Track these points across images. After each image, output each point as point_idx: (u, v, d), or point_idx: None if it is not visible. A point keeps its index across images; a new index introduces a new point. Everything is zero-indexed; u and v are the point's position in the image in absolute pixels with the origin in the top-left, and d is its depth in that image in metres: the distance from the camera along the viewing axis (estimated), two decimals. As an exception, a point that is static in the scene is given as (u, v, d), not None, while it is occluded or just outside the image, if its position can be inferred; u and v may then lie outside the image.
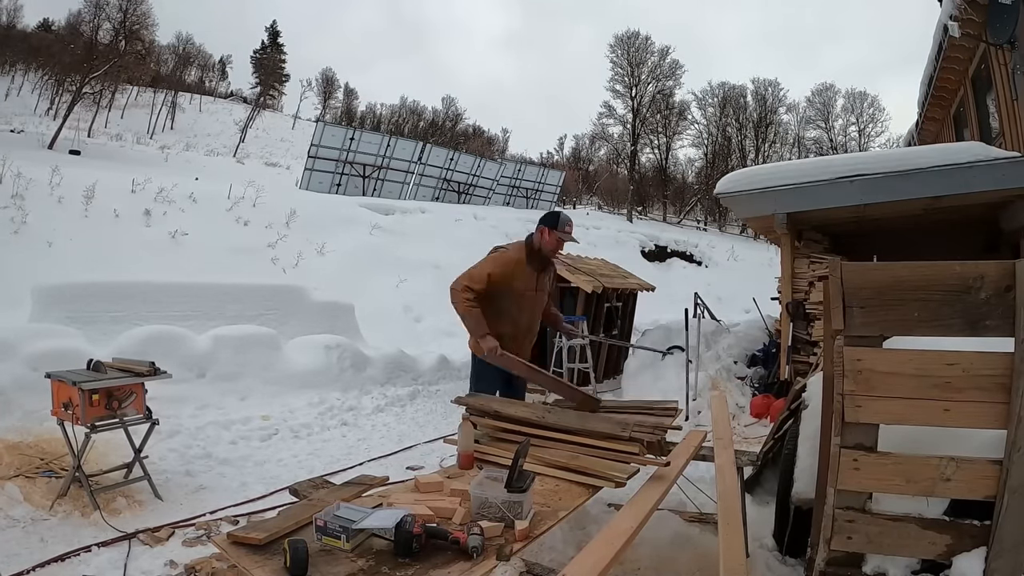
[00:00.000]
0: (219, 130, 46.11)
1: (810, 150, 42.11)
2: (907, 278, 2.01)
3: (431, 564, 1.79)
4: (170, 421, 4.59)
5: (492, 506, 2.09)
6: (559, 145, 58.01)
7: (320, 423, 5.64)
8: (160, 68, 46.32)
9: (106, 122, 37.48)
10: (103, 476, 3.61)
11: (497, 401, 3.33)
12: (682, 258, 23.24)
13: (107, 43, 29.44)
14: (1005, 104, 6.17)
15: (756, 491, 3.53)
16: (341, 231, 14.63)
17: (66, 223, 11.02)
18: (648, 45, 41.86)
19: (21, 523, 3.10)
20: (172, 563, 2.84)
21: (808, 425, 2.81)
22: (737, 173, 6.87)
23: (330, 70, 60.43)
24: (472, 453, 2.75)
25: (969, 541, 1.92)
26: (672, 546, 2.97)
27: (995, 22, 5.75)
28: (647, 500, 2.34)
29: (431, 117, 58.15)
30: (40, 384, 3.76)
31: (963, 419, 1.95)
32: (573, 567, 1.78)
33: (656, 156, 45.03)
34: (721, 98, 44.98)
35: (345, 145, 23.10)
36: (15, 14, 42.60)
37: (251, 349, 6.35)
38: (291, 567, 1.69)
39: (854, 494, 2.06)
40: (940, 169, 5.37)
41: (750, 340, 7.43)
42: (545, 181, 30.90)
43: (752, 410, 6.21)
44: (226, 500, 3.72)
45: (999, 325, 1.90)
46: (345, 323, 8.08)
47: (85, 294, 6.55)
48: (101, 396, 3.43)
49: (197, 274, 9.15)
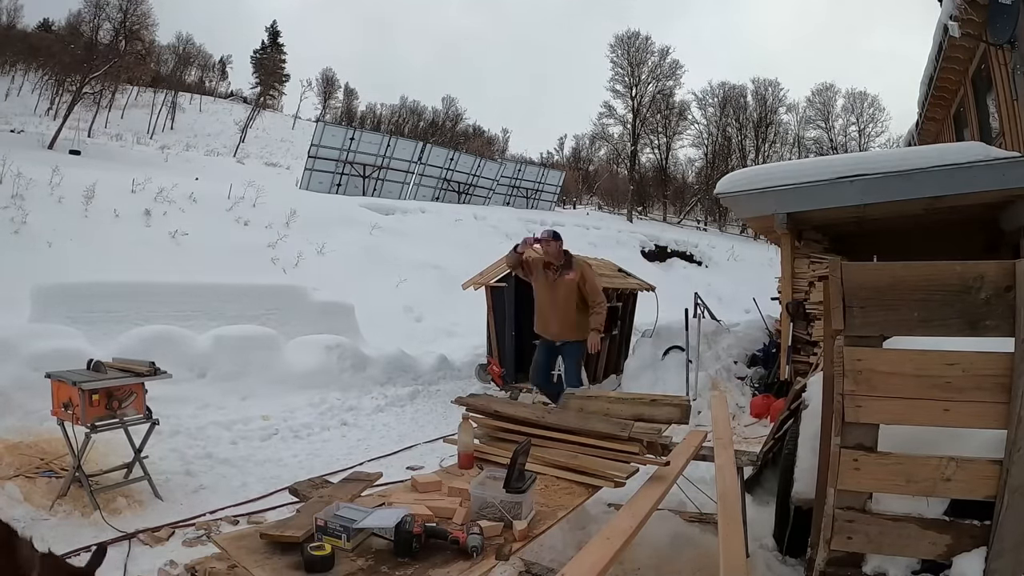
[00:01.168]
0: (219, 130, 46.08)
1: (810, 150, 42.08)
2: (907, 278, 2.00)
3: (430, 564, 1.80)
4: (170, 421, 4.59)
5: (492, 506, 2.09)
6: (559, 145, 58.00)
7: (320, 423, 5.64)
8: (160, 68, 46.31)
9: (106, 122, 37.43)
10: (103, 476, 3.61)
11: (497, 402, 3.34)
12: (682, 258, 23.24)
13: (107, 43, 29.48)
14: (1005, 104, 6.16)
15: (756, 491, 3.53)
16: (341, 231, 14.64)
17: (66, 223, 11.02)
18: (648, 45, 41.93)
19: (21, 523, 3.09)
20: (172, 563, 2.84)
21: (808, 425, 2.81)
22: (737, 173, 6.87)
23: (330, 70, 60.32)
24: (472, 453, 2.76)
25: (969, 541, 1.92)
26: (672, 546, 2.97)
27: (995, 22, 5.74)
28: (647, 500, 2.34)
29: (431, 117, 58.19)
30: (40, 384, 3.76)
31: (963, 419, 1.95)
32: (572, 566, 1.78)
33: (656, 156, 45.08)
34: (721, 98, 44.98)
35: (345, 145, 23.11)
36: (15, 14, 42.60)
37: (251, 349, 6.35)
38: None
39: (854, 494, 2.05)
40: (940, 169, 5.37)
41: (750, 340, 7.43)
42: (545, 181, 30.90)
43: (752, 410, 6.21)
44: (226, 500, 3.72)
45: (999, 325, 1.90)
46: (345, 323, 8.08)
47: (85, 294, 6.55)
48: (101, 396, 3.43)
49: (197, 274, 9.15)
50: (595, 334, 5.35)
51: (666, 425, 3.17)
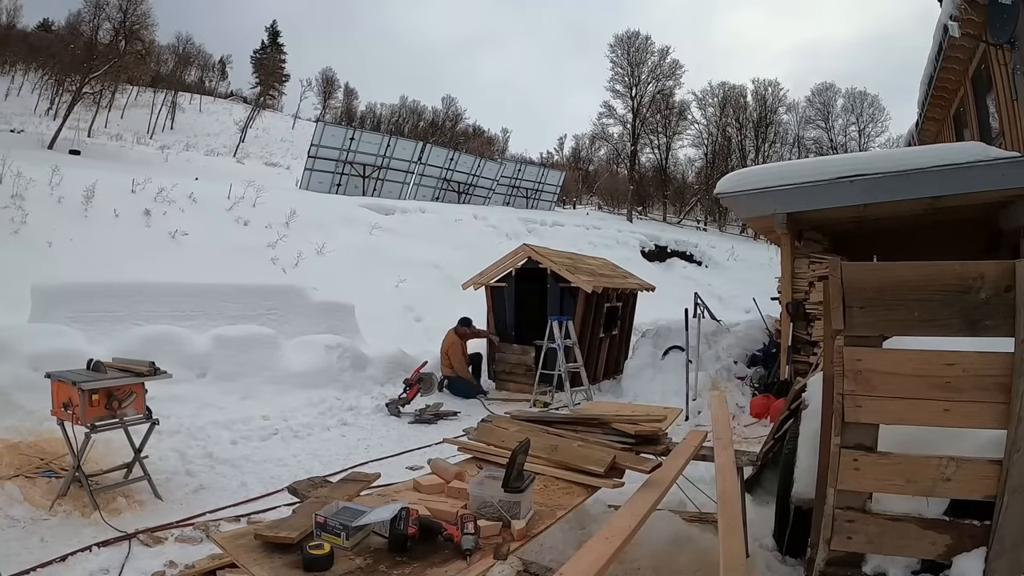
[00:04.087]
0: (219, 130, 46.07)
1: (810, 150, 42.05)
2: (907, 278, 2.00)
3: (428, 563, 1.79)
4: (170, 421, 4.59)
5: (491, 505, 2.09)
6: (559, 145, 57.95)
7: (320, 423, 5.64)
8: (160, 68, 46.27)
9: (106, 122, 37.43)
10: (103, 476, 3.61)
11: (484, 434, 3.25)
12: (682, 258, 23.23)
13: (107, 43, 29.39)
14: (1005, 104, 6.16)
15: (756, 491, 3.53)
16: (341, 231, 14.63)
17: (66, 223, 11.02)
18: (648, 45, 41.85)
19: (21, 523, 3.10)
20: (172, 563, 2.84)
21: (808, 425, 2.81)
22: (737, 173, 6.87)
23: (330, 70, 60.29)
24: (452, 479, 2.65)
25: (969, 541, 1.92)
26: (672, 546, 2.97)
27: (995, 22, 5.73)
28: (646, 500, 2.34)
29: (431, 117, 58.15)
30: (40, 384, 3.76)
31: (963, 419, 1.95)
32: (571, 566, 1.78)
33: (656, 156, 45.00)
34: (721, 98, 44.95)
35: (345, 145, 23.09)
36: (15, 14, 42.61)
37: (251, 349, 6.35)
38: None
39: (854, 494, 2.05)
40: (940, 169, 5.37)
41: (750, 340, 7.43)
42: (545, 181, 30.91)
43: (752, 410, 6.21)
44: (226, 500, 3.72)
45: (999, 325, 1.90)
46: (345, 323, 8.08)
47: (85, 294, 6.55)
48: (101, 396, 3.43)
49: (197, 274, 9.14)
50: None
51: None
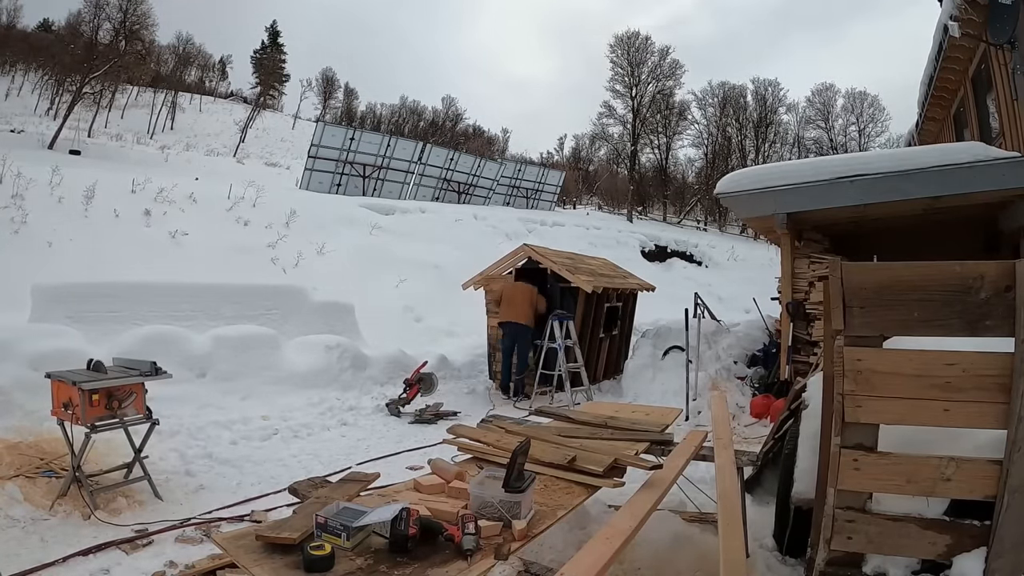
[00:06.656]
0: (219, 130, 46.06)
1: (810, 150, 42.03)
2: (907, 278, 2.00)
3: (429, 563, 1.79)
4: (170, 421, 4.59)
5: (491, 505, 2.09)
6: (559, 145, 57.92)
7: (320, 423, 5.65)
8: (160, 68, 46.25)
9: (106, 122, 37.41)
10: (103, 476, 3.61)
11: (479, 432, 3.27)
12: (682, 258, 23.24)
13: (107, 43, 29.36)
14: (1005, 104, 6.15)
15: (756, 491, 3.53)
16: (341, 231, 14.63)
17: (66, 223, 11.02)
18: (648, 45, 41.85)
19: (21, 523, 3.10)
20: (172, 563, 2.84)
21: (808, 425, 2.81)
22: (737, 173, 6.87)
23: (330, 70, 60.27)
24: (452, 479, 2.66)
25: (969, 541, 1.92)
26: (672, 546, 2.97)
27: (995, 22, 5.73)
28: (646, 500, 2.34)
29: (431, 117, 58.15)
30: (40, 384, 3.76)
31: (963, 419, 1.95)
32: (571, 566, 1.78)
33: (656, 156, 44.99)
34: (721, 98, 44.93)
35: (345, 145, 23.09)
36: (15, 14, 42.58)
37: (251, 349, 6.35)
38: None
39: (854, 494, 2.05)
40: (940, 169, 5.36)
41: (750, 340, 7.43)
42: (545, 181, 30.90)
43: (752, 410, 6.21)
44: (226, 500, 3.72)
45: (999, 325, 1.90)
46: (345, 323, 8.08)
47: (85, 294, 6.55)
48: (101, 396, 3.43)
49: (197, 274, 9.15)
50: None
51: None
